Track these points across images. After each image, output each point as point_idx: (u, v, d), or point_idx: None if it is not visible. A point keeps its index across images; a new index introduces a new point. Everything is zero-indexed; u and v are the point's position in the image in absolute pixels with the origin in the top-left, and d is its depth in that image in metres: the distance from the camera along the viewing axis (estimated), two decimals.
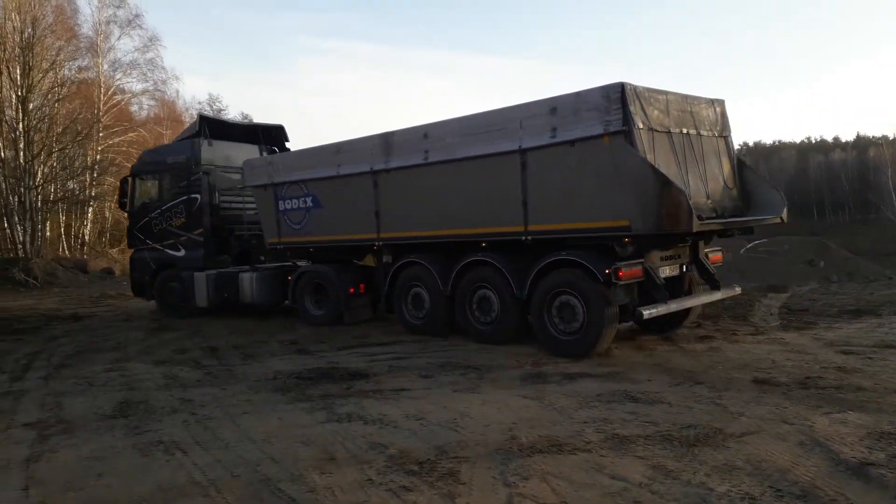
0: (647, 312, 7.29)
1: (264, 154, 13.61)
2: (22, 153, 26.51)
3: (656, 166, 7.01)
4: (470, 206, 8.52)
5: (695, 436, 4.66)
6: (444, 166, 8.66)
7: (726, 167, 8.37)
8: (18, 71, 26.55)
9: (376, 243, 9.97)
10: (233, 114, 49.45)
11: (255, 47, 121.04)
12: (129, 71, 33.20)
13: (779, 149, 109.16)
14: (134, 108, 37.04)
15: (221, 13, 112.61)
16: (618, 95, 6.96)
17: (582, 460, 4.29)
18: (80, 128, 29.54)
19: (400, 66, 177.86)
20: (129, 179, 14.28)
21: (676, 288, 8.32)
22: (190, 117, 45.24)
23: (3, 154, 26.20)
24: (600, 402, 5.62)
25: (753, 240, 19.59)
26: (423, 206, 9.09)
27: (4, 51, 26.14)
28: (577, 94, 7.35)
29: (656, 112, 7.38)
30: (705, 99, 8.35)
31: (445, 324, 9.28)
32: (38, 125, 27.80)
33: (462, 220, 8.66)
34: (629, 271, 7.26)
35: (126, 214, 15.15)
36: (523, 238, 8.07)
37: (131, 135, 33.00)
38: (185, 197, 13.03)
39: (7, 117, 26.57)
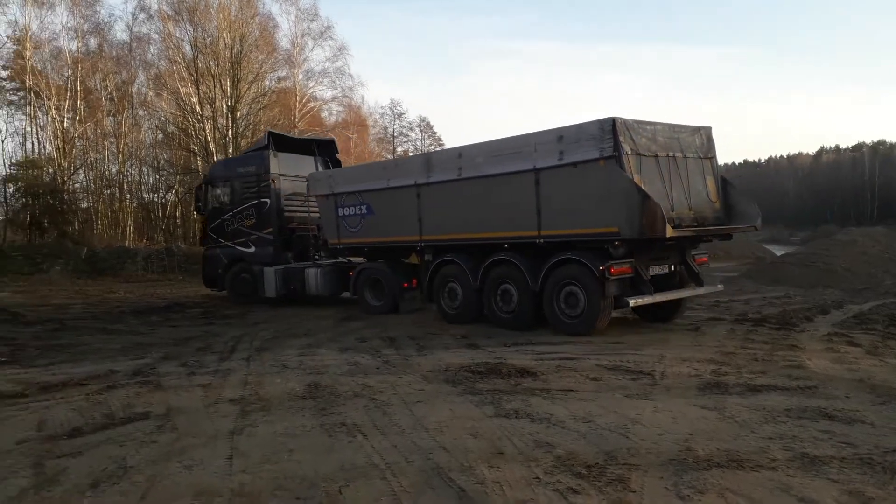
0: (633, 301, 9.01)
1: (318, 164, 15.32)
2: None
3: (640, 184, 8.49)
4: (495, 214, 10.18)
5: None
6: (475, 181, 10.36)
7: (710, 184, 9.80)
8: (229, 83, 29.81)
9: (419, 244, 11.68)
10: (412, 117, 51.76)
11: (435, 52, 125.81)
12: (320, 79, 36.03)
13: None
14: (325, 113, 40.10)
15: (404, 19, 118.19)
16: (609, 127, 8.54)
17: (765, 478, 3.99)
18: None
19: (577, 63, 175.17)
20: (204, 186, 16.04)
21: (670, 284, 9.90)
22: (373, 122, 47.91)
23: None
24: (789, 418, 5.18)
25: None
26: (457, 213, 10.77)
27: (218, 65, 29.48)
28: (579, 126, 8.97)
29: (644, 140, 8.88)
30: (691, 127, 9.79)
31: (475, 314, 10.82)
32: (244, 131, 31.05)
33: (488, 225, 10.32)
34: (619, 268, 8.85)
35: (199, 216, 17.33)
36: (537, 241, 9.67)
37: None
38: (255, 201, 14.74)
39: (220, 125, 29.97)
